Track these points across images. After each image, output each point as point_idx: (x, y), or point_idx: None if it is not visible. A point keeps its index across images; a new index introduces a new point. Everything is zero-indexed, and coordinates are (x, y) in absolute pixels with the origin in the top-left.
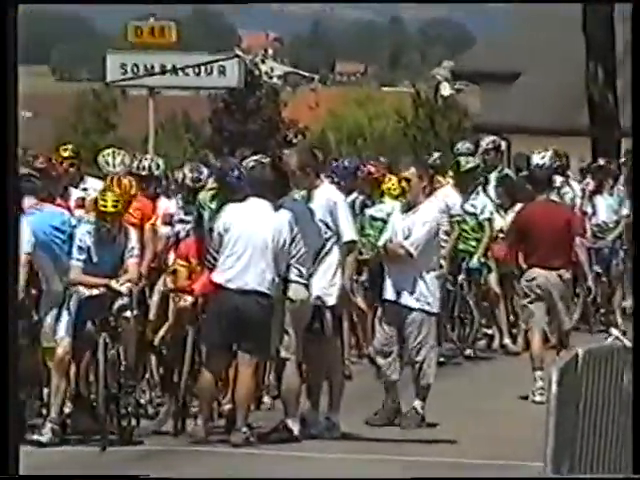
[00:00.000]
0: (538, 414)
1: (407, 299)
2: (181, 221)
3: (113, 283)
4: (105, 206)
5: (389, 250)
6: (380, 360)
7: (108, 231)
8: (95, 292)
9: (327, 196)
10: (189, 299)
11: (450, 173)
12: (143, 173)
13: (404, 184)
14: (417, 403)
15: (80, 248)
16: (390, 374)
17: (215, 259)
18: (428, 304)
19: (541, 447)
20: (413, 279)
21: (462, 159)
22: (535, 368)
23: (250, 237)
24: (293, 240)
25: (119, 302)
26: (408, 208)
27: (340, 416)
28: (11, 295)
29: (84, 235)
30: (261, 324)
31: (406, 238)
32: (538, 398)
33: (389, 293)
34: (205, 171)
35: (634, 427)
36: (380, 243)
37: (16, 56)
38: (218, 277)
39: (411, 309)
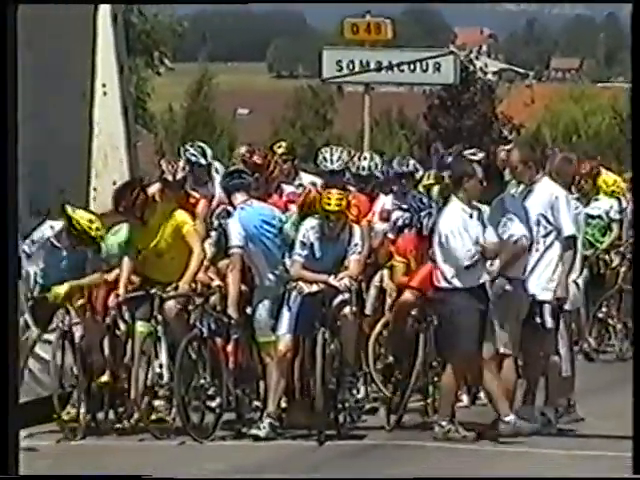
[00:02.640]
0: None
1: None
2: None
3: (331, 279)
4: (329, 204)
5: None
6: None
7: (332, 228)
8: (315, 288)
9: (549, 190)
10: (409, 295)
11: None
12: (363, 173)
13: (621, 182)
14: None
15: (303, 244)
16: None
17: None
18: None
19: None
20: None
21: None
22: None
23: None
24: None
25: (339, 298)
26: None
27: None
28: (11, 295)
29: (308, 231)
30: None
31: None
32: None
33: None
34: (412, 164)
35: (634, 427)
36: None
37: (16, 55)
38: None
39: None
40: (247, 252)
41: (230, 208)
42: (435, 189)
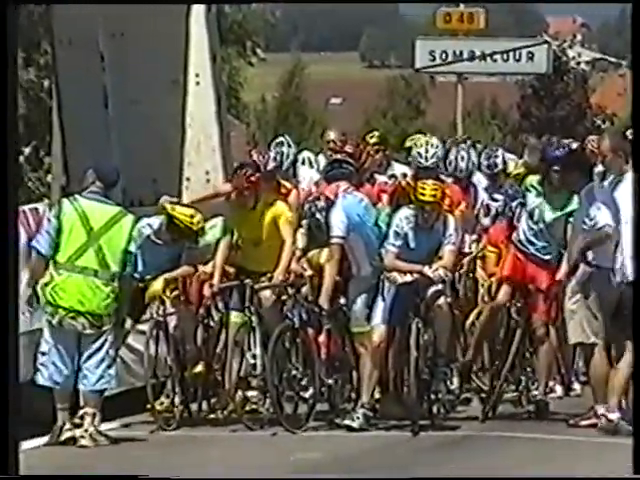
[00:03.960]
0: None
1: None
2: (488, 206)
3: (426, 269)
4: (424, 194)
5: None
6: None
7: (426, 218)
8: (408, 278)
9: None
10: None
11: None
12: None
13: None
14: None
15: (397, 234)
16: None
17: None
18: None
19: None
20: None
21: None
22: None
23: None
24: None
25: (433, 288)
26: None
27: None
28: (11, 294)
29: (401, 221)
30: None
31: None
32: None
33: None
34: (500, 157)
35: (634, 427)
36: None
37: (16, 55)
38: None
39: None
40: (348, 242)
41: (323, 197)
42: (532, 179)
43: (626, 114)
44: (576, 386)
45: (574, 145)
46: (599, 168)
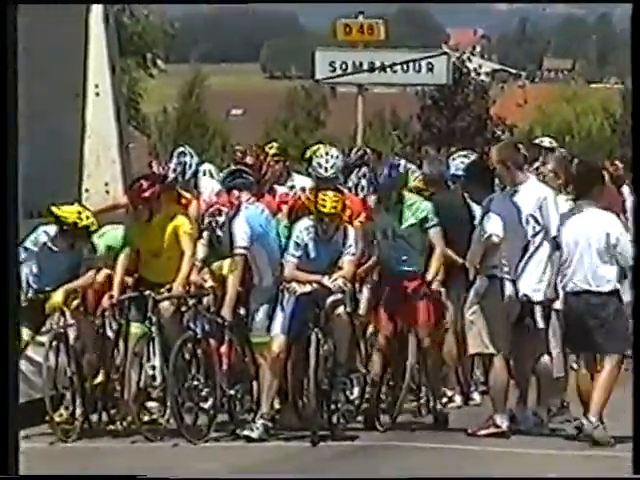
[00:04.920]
0: None
1: None
2: None
3: (325, 280)
4: (324, 206)
5: None
6: None
7: (326, 229)
8: (308, 288)
9: (537, 191)
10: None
11: None
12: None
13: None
14: None
15: (297, 244)
16: None
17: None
18: None
19: None
20: None
21: None
22: None
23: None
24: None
25: (332, 298)
26: None
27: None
28: (11, 295)
29: (301, 232)
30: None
31: None
32: None
33: None
34: (403, 166)
35: (634, 427)
36: None
37: (16, 55)
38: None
39: None
40: (251, 252)
41: (223, 207)
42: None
43: (526, 125)
44: (475, 396)
45: (473, 156)
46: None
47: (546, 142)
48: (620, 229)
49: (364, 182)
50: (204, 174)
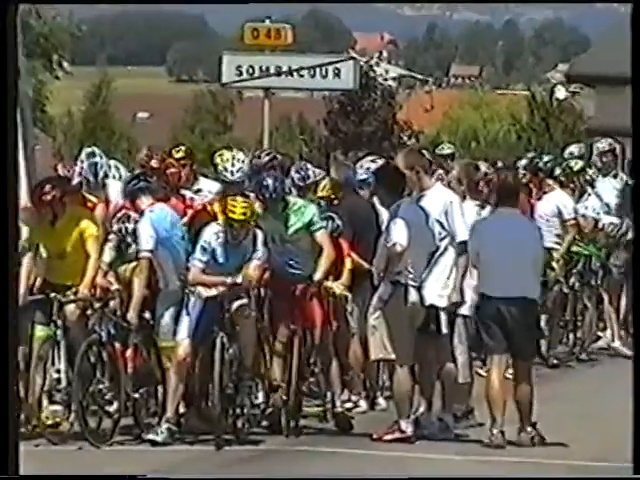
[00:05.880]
0: None
1: None
2: None
3: (229, 280)
4: (234, 212)
5: None
6: None
7: (235, 235)
8: (214, 292)
9: (443, 196)
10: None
11: (559, 175)
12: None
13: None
14: None
15: (204, 249)
16: None
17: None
18: None
19: None
20: None
21: (572, 162)
22: None
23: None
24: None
25: (238, 302)
26: None
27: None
28: (11, 296)
29: (210, 237)
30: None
31: None
32: None
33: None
34: (313, 171)
35: (634, 427)
36: None
37: (16, 56)
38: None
39: None
40: (156, 255)
41: (131, 212)
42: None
43: (433, 130)
44: (381, 401)
45: (381, 161)
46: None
47: (446, 149)
48: (541, 238)
49: (269, 181)
50: (113, 177)
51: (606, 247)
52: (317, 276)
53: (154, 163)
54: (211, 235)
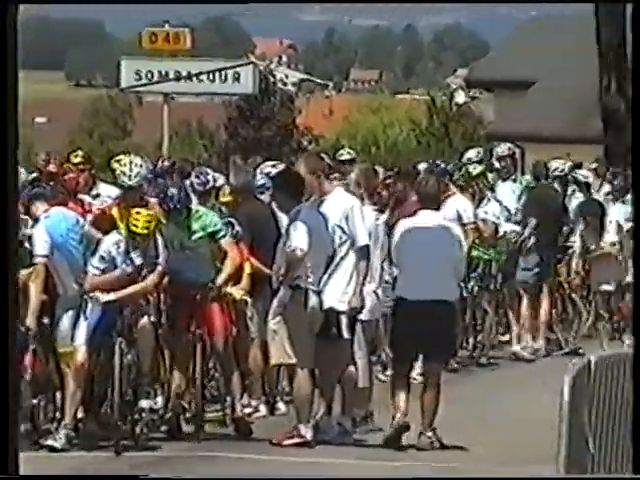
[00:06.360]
0: (549, 419)
1: None
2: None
3: (129, 287)
4: (136, 225)
5: None
6: None
7: (137, 245)
8: (112, 297)
9: (343, 201)
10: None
11: (458, 180)
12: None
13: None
14: None
15: (102, 258)
16: None
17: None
18: None
19: (552, 452)
20: None
21: (470, 166)
22: None
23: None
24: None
25: (136, 308)
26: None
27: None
28: (11, 297)
29: (109, 246)
30: (445, 330)
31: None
32: None
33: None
34: (211, 176)
35: (634, 427)
36: None
37: (16, 56)
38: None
39: None
40: (52, 261)
41: (26, 217)
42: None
43: (333, 135)
44: (281, 405)
45: (282, 166)
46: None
47: (345, 155)
48: (463, 242)
49: (173, 191)
50: None
51: (508, 254)
52: (218, 281)
53: (52, 168)
54: (110, 245)
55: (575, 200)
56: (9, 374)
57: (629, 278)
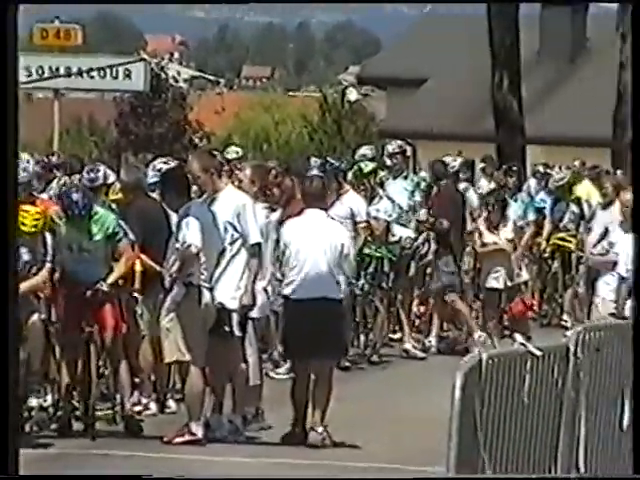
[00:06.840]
0: (440, 418)
1: None
2: None
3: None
4: (25, 224)
5: None
6: None
7: (24, 243)
8: None
9: (234, 199)
10: None
11: (350, 178)
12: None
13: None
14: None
15: None
16: None
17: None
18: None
19: (443, 451)
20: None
21: (362, 164)
22: None
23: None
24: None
25: (25, 306)
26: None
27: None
28: (11, 295)
29: None
30: (334, 327)
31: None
32: None
33: None
34: (102, 172)
35: (634, 427)
36: None
37: (16, 56)
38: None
39: None
40: None
41: None
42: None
43: (224, 132)
44: (171, 403)
45: (172, 163)
46: (194, 187)
47: (232, 153)
48: (350, 240)
49: (77, 197)
50: None
51: (402, 257)
52: (108, 280)
53: None
54: None
55: (471, 197)
56: (9, 374)
57: (522, 279)
